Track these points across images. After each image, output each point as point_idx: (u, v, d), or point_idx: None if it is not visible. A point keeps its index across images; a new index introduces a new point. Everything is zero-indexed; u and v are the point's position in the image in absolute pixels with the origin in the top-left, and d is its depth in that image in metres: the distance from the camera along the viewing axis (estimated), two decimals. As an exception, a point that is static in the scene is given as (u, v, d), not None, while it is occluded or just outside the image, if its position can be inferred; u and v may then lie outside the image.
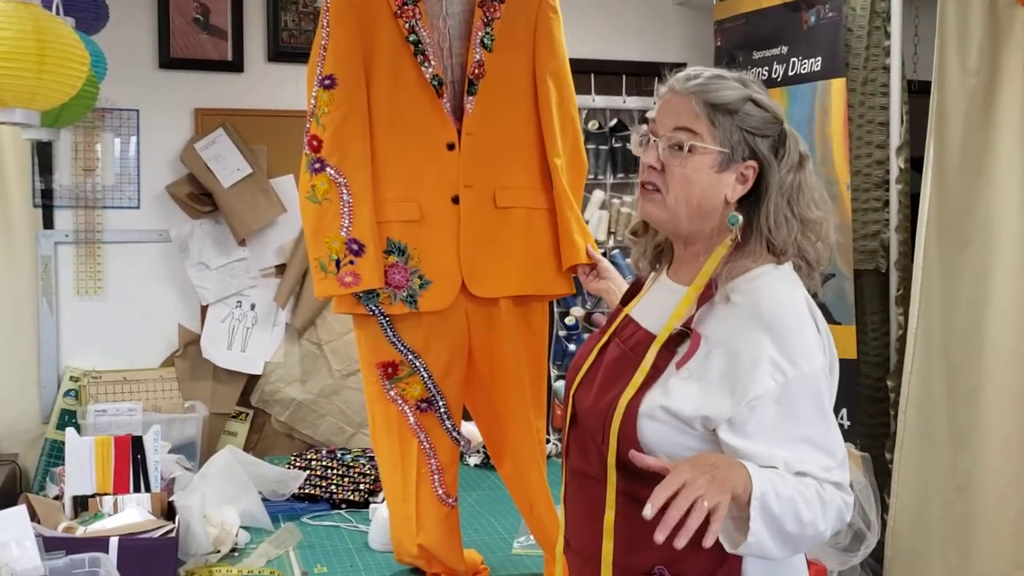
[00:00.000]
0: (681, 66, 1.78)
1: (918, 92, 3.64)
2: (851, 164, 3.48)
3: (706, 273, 1.65)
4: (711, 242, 1.68)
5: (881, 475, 3.34)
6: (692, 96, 1.65)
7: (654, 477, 1.44)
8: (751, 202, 1.67)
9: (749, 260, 1.65)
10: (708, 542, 1.35)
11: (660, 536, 1.34)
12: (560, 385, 4.31)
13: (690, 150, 1.63)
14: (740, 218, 1.64)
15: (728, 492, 1.40)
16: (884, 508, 3.29)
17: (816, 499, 1.49)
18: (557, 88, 2.51)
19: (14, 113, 1.88)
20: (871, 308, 3.54)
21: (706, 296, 1.62)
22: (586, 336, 4.26)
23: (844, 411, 3.51)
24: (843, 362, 3.50)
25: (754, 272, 1.64)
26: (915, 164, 3.40)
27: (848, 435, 3.47)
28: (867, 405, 3.53)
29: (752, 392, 1.51)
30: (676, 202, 1.65)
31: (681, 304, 1.65)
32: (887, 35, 3.44)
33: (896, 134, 3.40)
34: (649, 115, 1.73)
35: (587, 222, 4.28)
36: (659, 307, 1.71)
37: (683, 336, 1.60)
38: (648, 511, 1.36)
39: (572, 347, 4.30)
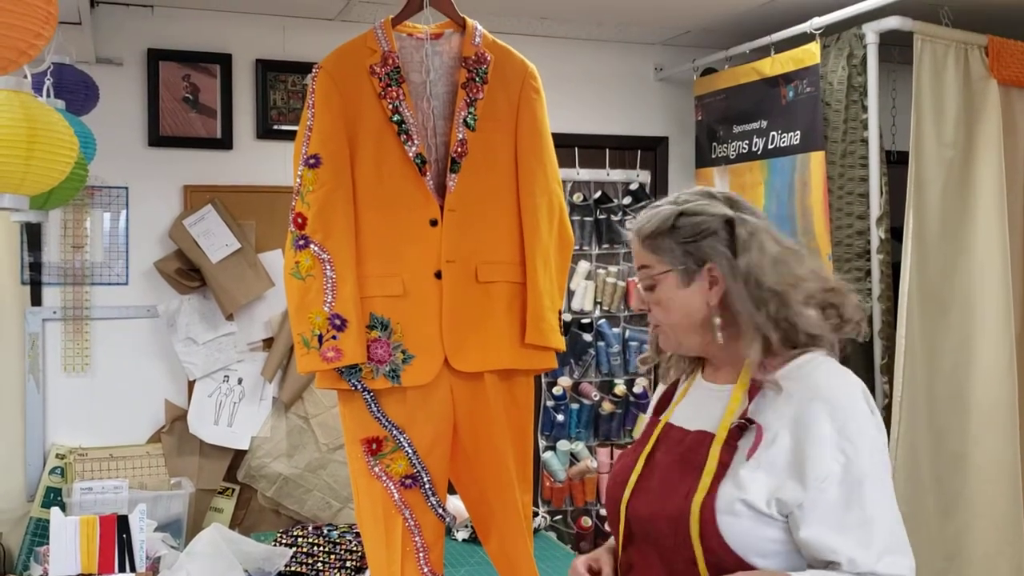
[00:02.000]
0: (663, 140, 1.89)
1: (897, 162, 3.70)
2: (832, 235, 3.52)
3: (749, 368, 1.69)
4: (722, 344, 1.74)
5: (870, 545, 3.33)
6: (636, 238, 1.81)
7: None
8: None
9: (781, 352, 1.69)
10: None
11: None
12: (549, 456, 4.29)
13: (653, 282, 1.77)
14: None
15: None
16: (874, 578, 3.27)
17: None
18: (539, 166, 2.55)
19: (3, 199, 1.90)
20: (856, 377, 3.55)
21: (755, 389, 1.66)
22: (574, 407, 4.30)
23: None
24: (829, 431, 3.51)
25: (802, 359, 1.68)
26: (895, 234, 3.45)
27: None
28: (855, 474, 3.52)
29: (816, 473, 1.55)
30: (672, 329, 1.78)
31: (732, 400, 1.70)
32: (864, 108, 3.51)
33: (876, 205, 3.45)
34: None
35: (572, 292, 4.34)
36: (705, 408, 1.76)
37: (742, 429, 1.63)
38: None
39: (560, 417, 4.30)
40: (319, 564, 3.30)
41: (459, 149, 2.45)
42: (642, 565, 1.73)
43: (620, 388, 4.37)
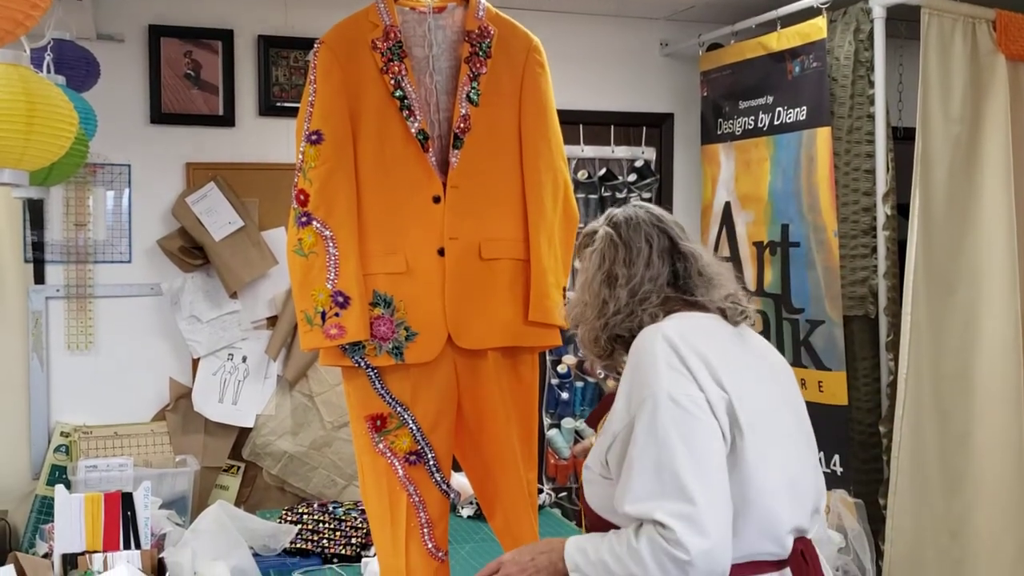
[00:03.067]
0: (669, 116, 1.99)
1: (903, 139, 3.68)
2: (838, 211, 3.50)
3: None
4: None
5: (875, 521, 3.33)
6: None
7: None
8: None
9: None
10: None
11: None
12: (553, 434, 4.30)
13: None
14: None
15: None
16: (879, 554, 3.27)
17: (625, 551, 1.60)
18: (543, 142, 2.53)
19: (2, 174, 1.89)
20: (861, 354, 3.54)
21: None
22: (579, 385, 4.30)
23: (837, 457, 3.50)
24: (834, 408, 3.54)
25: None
26: (902, 210, 3.43)
27: (841, 481, 3.47)
28: (860, 451, 3.52)
29: (615, 428, 1.68)
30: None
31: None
32: (871, 84, 3.48)
33: (882, 181, 3.42)
34: None
35: (576, 270, 4.31)
36: None
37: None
38: None
39: (564, 395, 4.29)
40: (324, 541, 3.31)
41: (462, 125, 2.43)
42: None
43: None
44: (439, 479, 2.47)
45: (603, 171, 4.37)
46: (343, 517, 3.43)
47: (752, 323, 1.87)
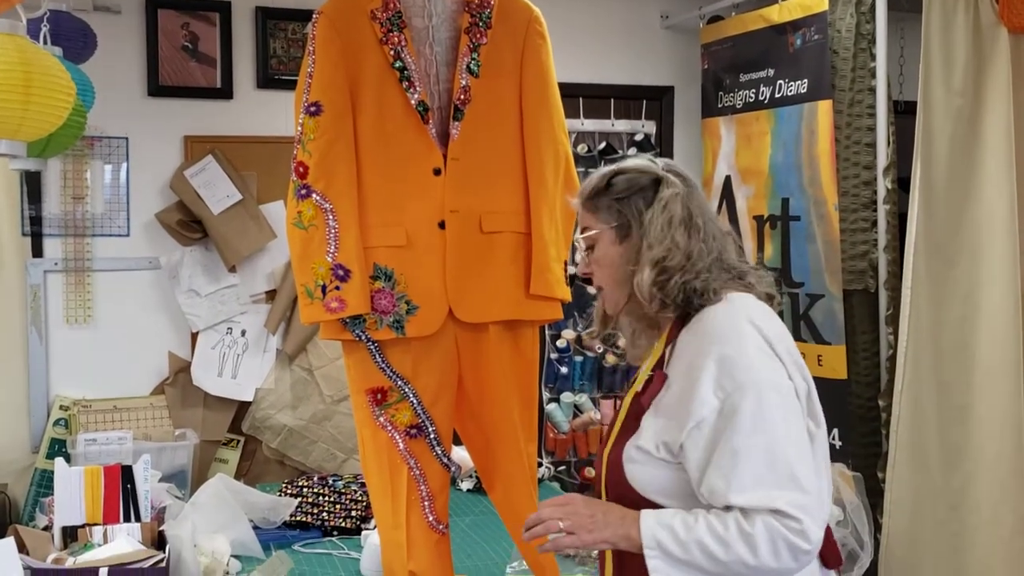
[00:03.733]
0: (669, 89, 1.89)
1: (904, 112, 3.66)
2: (839, 185, 3.49)
3: (665, 329, 1.76)
4: (646, 310, 1.76)
5: (874, 495, 3.34)
6: (578, 204, 1.84)
7: None
8: None
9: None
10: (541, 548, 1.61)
11: (525, 535, 1.62)
12: (553, 408, 4.30)
13: (592, 241, 1.79)
14: None
15: (596, 537, 1.59)
16: (877, 528, 3.28)
17: (735, 535, 1.53)
18: (545, 114, 2.52)
19: (0, 144, 1.88)
20: (861, 328, 3.54)
21: (670, 343, 1.71)
22: (578, 359, 4.30)
23: (836, 431, 3.51)
24: (834, 382, 3.54)
25: (702, 312, 1.70)
26: (902, 184, 3.41)
27: (840, 455, 3.47)
28: (859, 425, 3.53)
29: (697, 413, 1.58)
30: (608, 288, 1.80)
31: (652, 356, 1.77)
32: (872, 57, 3.46)
33: (883, 155, 3.41)
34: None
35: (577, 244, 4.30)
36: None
37: (650, 381, 1.69)
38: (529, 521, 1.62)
39: (564, 370, 4.30)
40: (324, 514, 3.32)
41: (462, 96, 2.41)
42: None
43: (623, 341, 4.36)
44: (440, 452, 2.47)
45: (603, 145, 4.35)
46: (343, 490, 3.43)
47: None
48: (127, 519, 2.79)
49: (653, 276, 1.68)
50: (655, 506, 1.63)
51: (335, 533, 3.26)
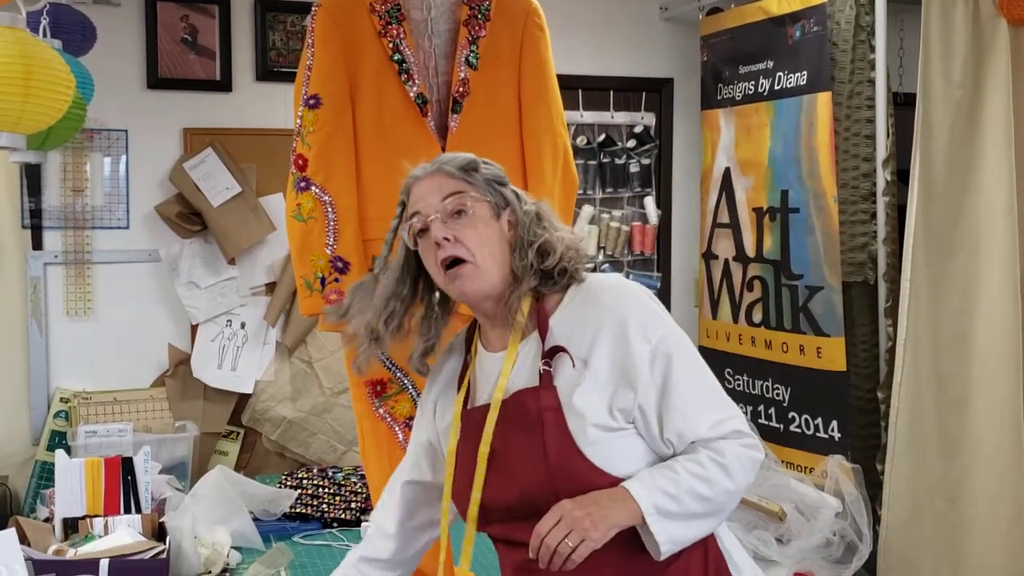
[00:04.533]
0: (668, 81, 1.88)
1: (904, 104, 3.66)
2: (838, 177, 3.49)
3: (520, 322, 1.72)
4: (506, 296, 1.73)
5: (872, 487, 3.35)
6: (440, 171, 1.77)
7: None
8: None
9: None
10: (567, 567, 1.54)
11: (544, 566, 1.56)
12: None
13: (472, 208, 1.71)
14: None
15: (604, 528, 1.56)
16: (876, 519, 3.29)
17: (714, 469, 1.61)
18: (543, 106, 2.52)
19: (0, 137, 1.89)
20: (860, 320, 3.54)
21: (544, 331, 1.70)
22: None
23: (835, 423, 3.52)
24: (833, 374, 3.55)
25: (573, 291, 1.73)
26: (902, 176, 3.42)
27: (839, 447, 3.48)
28: (858, 417, 3.53)
29: (641, 370, 1.63)
30: (485, 262, 1.70)
31: (508, 355, 1.73)
32: (872, 48, 3.46)
33: (882, 147, 3.41)
34: (409, 212, 1.78)
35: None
36: (511, 372, 1.74)
37: (550, 367, 1.67)
38: (532, 544, 1.57)
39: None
40: (324, 506, 3.33)
41: (461, 89, 2.42)
42: (518, 531, 1.70)
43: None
44: (439, 444, 2.47)
45: (602, 137, 4.35)
46: (343, 482, 3.44)
47: None
48: (128, 511, 2.80)
49: (534, 255, 1.71)
50: (617, 481, 1.62)
51: (335, 525, 3.27)
